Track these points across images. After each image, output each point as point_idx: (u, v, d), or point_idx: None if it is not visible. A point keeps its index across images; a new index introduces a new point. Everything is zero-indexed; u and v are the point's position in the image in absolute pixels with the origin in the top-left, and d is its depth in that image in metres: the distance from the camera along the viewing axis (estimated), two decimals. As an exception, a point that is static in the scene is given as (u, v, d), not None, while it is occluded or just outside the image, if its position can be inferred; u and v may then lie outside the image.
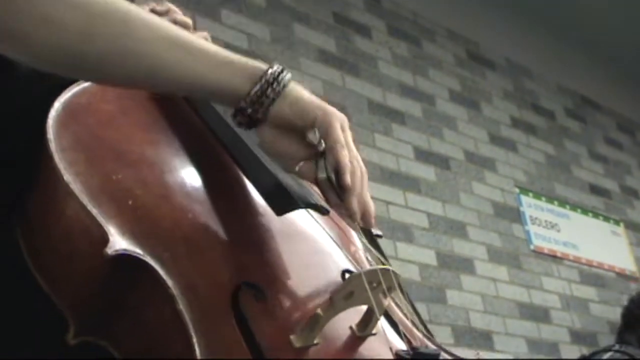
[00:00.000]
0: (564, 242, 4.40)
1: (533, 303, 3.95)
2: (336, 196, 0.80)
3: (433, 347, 0.82)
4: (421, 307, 3.39)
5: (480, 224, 3.97)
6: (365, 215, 0.81)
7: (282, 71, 0.81)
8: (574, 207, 4.63)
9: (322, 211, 0.83)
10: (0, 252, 0.80)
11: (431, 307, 3.45)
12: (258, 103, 0.79)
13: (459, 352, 2.95)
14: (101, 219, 0.70)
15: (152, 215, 0.74)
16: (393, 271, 0.75)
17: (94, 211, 0.70)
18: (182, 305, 0.68)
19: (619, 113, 5.44)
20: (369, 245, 0.89)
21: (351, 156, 0.81)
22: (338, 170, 0.79)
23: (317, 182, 0.80)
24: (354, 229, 0.86)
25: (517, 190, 4.31)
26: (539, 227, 4.29)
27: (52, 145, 0.74)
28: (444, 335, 3.40)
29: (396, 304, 0.86)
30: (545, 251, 4.23)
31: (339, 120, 0.83)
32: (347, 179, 0.78)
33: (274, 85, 0.80)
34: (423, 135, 3.96)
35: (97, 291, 0.71)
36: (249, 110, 0.80)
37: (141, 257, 0.69)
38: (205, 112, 0.90)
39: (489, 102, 4.49)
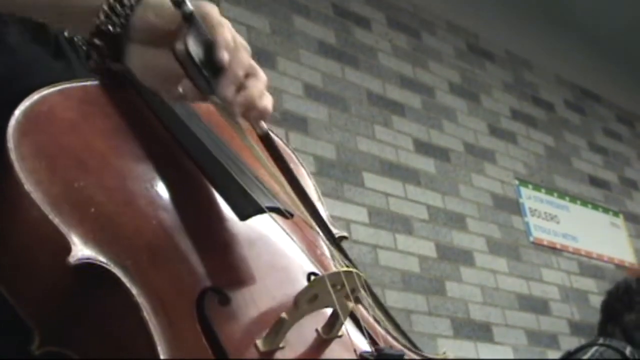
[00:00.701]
0: (563, 233, 4.40)
1: (532, 295, 3.96)
2: (201, 77, 0.71)
3: (398, 347, 0.81)
4: (421, 299, 3.41)
5: (480, 215, 3.97)
6: (250, 110, 0.73)
7: None
8: (574, 198, 4.64)
9: (286, 215, 0.81)
10: None
11: (430, 299, 3.45)
12: (114, 14, 0.73)
13: (458, 343, 2.95)
14: (63, 228, 0.68)
15: (115, 223, 0.72)
16: (357, 273, 0.73)
17: (56, 220, 0.69)
18: (146, 313, 0.67)
19: (618, 105, 5.46)
20: (331, 247, 0.86)
21: (236, 42, 0.72)
22: (211, 47, 0.71)
23: (176, 58, 0.71)
24: (238, 131, 0.82)
25: (516, 182, 4.32)
26: (538, 219, 4.30)
27: (13, 154, 0.72)
28: (443, 327, 3.42)
29: (364, 306, 0.84)
30: (545, 243, 4.24)
31: (214, 8, 0.73)
32: (220, 53, 0.70)
33: None
34: (423, 127, 3.97)
35: (60, 301, 0.70)
36: (106, 26, 0.73)
37: (104, 265, 0.68)
38: (166, 117, 0.87)
39: (488, 94, 4.50)
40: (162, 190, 0.80)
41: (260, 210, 0.77)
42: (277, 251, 0.84)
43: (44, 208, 0.69)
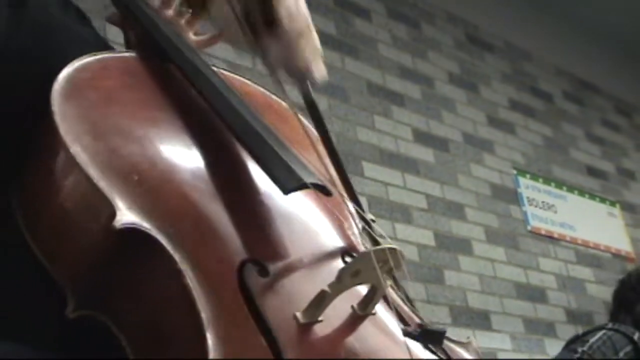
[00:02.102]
0: (560, 223, 4.40)
1: (530, 283, 3.97)
2: (252, 30, 0.75)
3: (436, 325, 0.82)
4: (419, 288, 3.42)
5: (478, 205, 3.97)
6: (300, 75, 0.76)
7: None
8: (571, 188, 4.64)
9: (326, 192, 0.81)
10: None
11: (429, 287, 3.46)
12: None
13: (457, 331, 2.93)
14: (108, 192, 0.68)
15: (158, 191, 0.73)
16: (400, 251, 0.74)
17: (101, 184, 0.69)
18: (189, 280, 0.66)
19: (616, 96, 5.46)
20: (367, 227, 0.87)
21: (299, 7, 0.75)
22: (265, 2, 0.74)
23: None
24: (282, 92, 0.86)
25: (514, 172, 4.32)
26: (536, 209, 4.30)
27: (57, 117, 0.72)
28: (441, 315, 3.42)
29: (391, 286, 0.84)
30: (542, 232, 4.25)
31: None
32: (278, 12, 0.73)
33: None
34: (422, 117, 3.96)
35: (100, 265, 0.70)
36: None
37: (149, 231, 0.68)
38: (207, 90, 0.88)
39: (487, 85, 4.49)
40: (203, 162, 0.80)
41: (303, 185, 0.77)
42: (314, 228, 0.85)
43: (89, 172, 0.69)
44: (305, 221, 0.85)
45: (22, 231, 0.74)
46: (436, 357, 0.76)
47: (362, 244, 0.88)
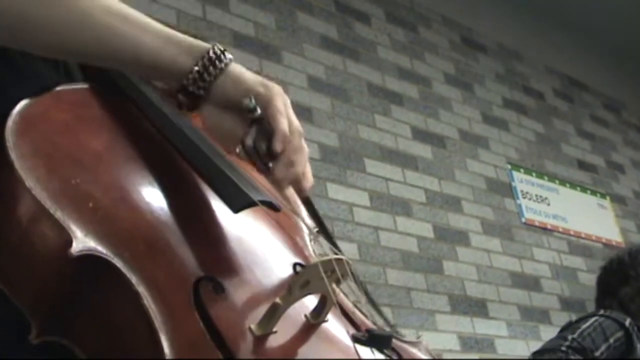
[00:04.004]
0: (553, 215, 4.39)
1: (525, 272, 3.96)
2: (262, 164, 0.79)
3: (386, 329, 0.83)
4: (419, 277, 3.42)
5: (475, 198, 3.97)
6: (295, 185, 0.80)
7: (223, 51, 0.80)
8: (563, 181, 4.63)
9: (275, 207, 0.82)
10: None
11: (429, 277, 3.46)
12: (201, 80, 0.78)
13: (455, 319, 2.97)
14: (64, 221, 0.68)
15: (112, 216, 0.72)
16: (346, 260, 0.75)
17: (57, 214, 0.69)
18: (146, 301, 0.67)
19: (604, 93, 5.41)
20: (315, 236, 0.90)
21: (292, 128, 0.79)
22: (272, 137, 0.78)
23: (243, 148, 0.79)
24: (287, 198, 0.87)
25: (509, 166, 4.31)
26: (529, 201, 4.29)
27: (12, 153, 0.72)
28: (441, 304, 3.43)
29: (343, 292, 0.86)
30: (536, 224, 4.24)
31: (281, 95, 0.81)
32: (278, 145, 0.77)
33: (217, 63, 0.79)
34: (420, 115, 3.96)
35: (59, 292, 0.70)
36: (192, 88, 0.79)
37: (104, 256, 0.68)
38: (158, 118, 0.88)
39: (481, 84, 4.48)
40: (155, 185, 0.80)
41: (252, 203, 0.78)
42: (265, 242, 0.85)
43: (45, 203, 0.69)
44: (258, 237, 0.84)
45: None
46: (384, 358, 0.76)
47: (314, 256, 0.88)
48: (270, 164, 0.79)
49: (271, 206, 0.82)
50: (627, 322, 2.36)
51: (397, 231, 3.45)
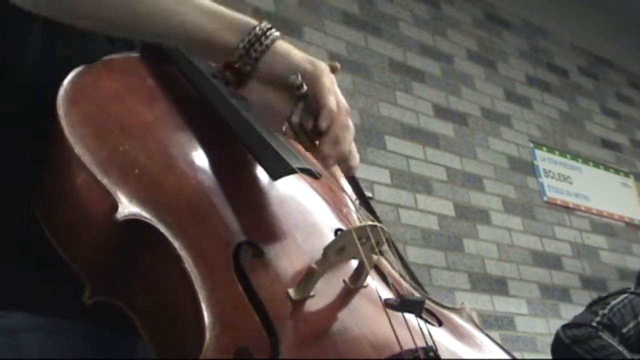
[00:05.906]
0: (575, 193, 4.39)
1: (546, 251, 3.97)
2: (308, 140, 0.80)
3: (418, 295, 0.83)
4: (440, 255, 3.43)
5: (496, 176, 3.97)
6: (341, 162, 0.81)
7: (270, 28, 0.81)
8: (586, 160, 4.62)
9: (315, 175, 0.82)
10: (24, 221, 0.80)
11: (449, 255, 3.48)
12: (247, 56, 0.79)
13: (475, 296, 2.94)
14: (111, 188, 0.71)
15: (157, 183, 0.75)
16: (381, 227, 0.74)
17: (104, 181, 0.71)
18: (187, 265, 0.69)
19: (630, 70, 5.40)
20: (358, 206, 0.89)
21: (339, 105, 0.80)
22: (318, 114, 0.79)
23: (290, 125, 0.81)
24: (332, 174, 0.88)
25: (531, 144, 4.30)
26: (552, 180, 4.29)
27: (63, 121, 0.75)
28: (461, 281, 3.45)
29: (387, 259, 0.85)
30: (558, 202, 4.24)
31: (328, 73, 0.82)
32: (324, 122, 0.78)
33: (263, 39, 0.80)
34: (442, 93, 3.96)
35: (109, 254, 0.73)
36: (239, 64, 0.80)
37: (148, 220, 0.70)
38: (204, 88, 0.89)
39: (505, 61, 4.47)
40: (200, 153, 0.81)
41: (291, 171, 0.78)
42: (306, 209, 0.85)
43: (93, 170, 0.71)
44: (301, 204, 0.85)
45: (42, 227, 0.77)
46: (425, 325, 0.75)
47: (357, 220, 0.88)
48: (317, 142, 0.80)
49: (311, 174, 0.81)
50: None
51: (417, 209, 3.47)
